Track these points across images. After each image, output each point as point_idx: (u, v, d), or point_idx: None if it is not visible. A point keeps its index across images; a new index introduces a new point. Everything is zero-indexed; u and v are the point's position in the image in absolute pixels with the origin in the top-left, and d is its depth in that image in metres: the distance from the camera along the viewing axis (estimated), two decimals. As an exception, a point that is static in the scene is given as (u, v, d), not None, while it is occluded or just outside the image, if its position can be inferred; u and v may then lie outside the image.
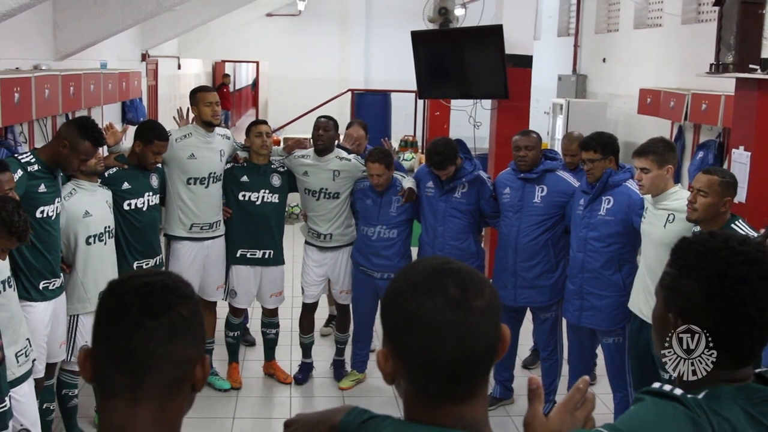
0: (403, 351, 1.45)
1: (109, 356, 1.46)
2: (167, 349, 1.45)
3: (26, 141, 6.90)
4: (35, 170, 4.62)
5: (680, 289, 1.69)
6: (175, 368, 1.46)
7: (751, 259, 1.64)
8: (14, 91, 6.15)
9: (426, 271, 1.46)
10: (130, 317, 1.45)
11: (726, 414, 1.60)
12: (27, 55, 7.21)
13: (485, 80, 8.13)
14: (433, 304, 1.40)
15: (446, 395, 1.44)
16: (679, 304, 1.70)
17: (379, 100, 15.12)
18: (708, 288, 1.64)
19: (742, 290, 1.62)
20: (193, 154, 5.82)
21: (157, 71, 14.06)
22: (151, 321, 1.44)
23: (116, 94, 9.59)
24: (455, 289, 1.41)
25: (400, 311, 1.44)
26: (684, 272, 1.69)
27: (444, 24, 9.71)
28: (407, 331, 1.43)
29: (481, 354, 1.43)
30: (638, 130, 11.07)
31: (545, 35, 15.40)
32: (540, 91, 11.34)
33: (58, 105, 7.30)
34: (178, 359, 1.46)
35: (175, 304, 1.48)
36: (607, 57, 12.77)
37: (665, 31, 10.73)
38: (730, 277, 1.63)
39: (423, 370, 1.43)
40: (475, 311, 1.41)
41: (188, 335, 1.48)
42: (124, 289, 1.49)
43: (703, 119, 8.64)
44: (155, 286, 1.49)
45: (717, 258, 1.65)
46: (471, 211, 5.83)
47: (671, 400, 1.61)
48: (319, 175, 6.06)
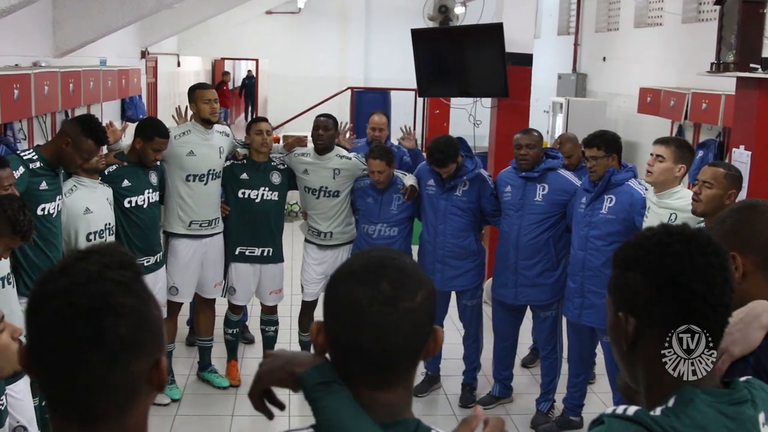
0: (331, 330, 1.52)
1: (50, 383, 1.30)
2: (111, 375, 1.27)
3: (25, 138, 6.89)
4: (37, 167, 4.62)
5: (625, 285, 1.65)
6: (126, 388, 1.30)
7: (687, 236, 1.62)
8: (14, 87, 6.14)
9: (369, 263, 1.52)
10: (59, 350, 1.25)
11: (701, 420, 1.54)
12: (26, 51, 7.19)
13: (485, 78, 8.12)
14: (364, 296, 1.46)
15: (362, 379, 1.49)
16: (626, 299, 1.65)
17: (378, 98, 15.11)
18: (651, 274, 1.60)
19: (683, 266, 1.58)
20: (192, 151, 5.80)
21: (156, 68, 14.04)
22: (84, 354, 1.24)
23: (116, 92, 9.58)
24: (388, 286, 1.47)
25: (335, 293, 1.51)
26: (625, 267, 1.65)
27: (444, 22, 9.72)
28: (337, 314, 1.51)
29: (400, 350, 1.49)
30: (638, 130, 11.05)
31: (545, 34, 15.39)
32: (540, 90, 11.33)
33: (57, 102, 7.29)
34: (127, 380, 1.29)
35: (111, 326, 1.25)
36: (608, 56, 12.75)
37: (665, 30, 10.71)
38: (669, 255, 1.59)
39: (344, 353, 1.51)
40: (401, 310, 1.46)
41: (133, 352, 1.29)
42: (47, 313, 1.26)
43: (703, 118, 8.63)
44: (81, 306, 1.24)
45: (654, 243, 1.62)
46: (472, 209, 5.83)
47: (633, 422, 1.54)
48: (319, 173, 6.04)
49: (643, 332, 1.62)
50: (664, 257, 1.59)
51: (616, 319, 1.66)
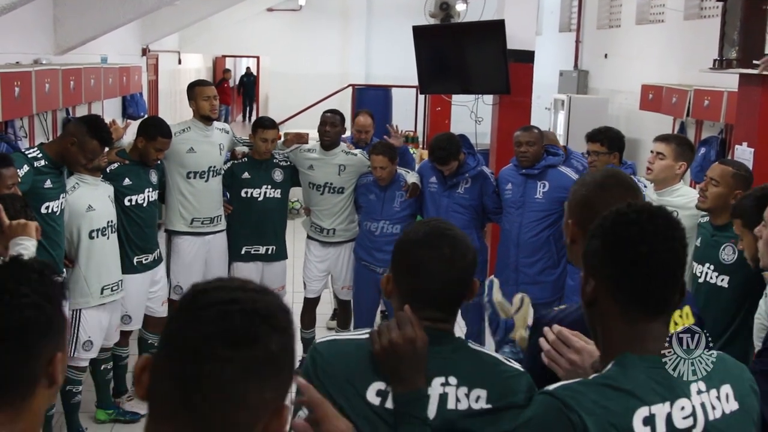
0: (400, 282, 2.07)
1: (172, 375, 1.24)
2: (241, 388, 1.22)
3: (26, 135, 6.88)
4: (42, 165, 4.62)
5: (588, 251, 1.84)
6: (244, 413, 1.23)
7: (640, 208, 1.81)
8: (14, 85, 6.13)
9: (431, 231, 2.07)
10: (204, 339, 1.22)
11: (627, 385, 1.69)
12: (27, 49, 7.18)
13: (487, 75, 8.10)
14: (429, 257, 2.02)
15: (422, 313, 2.00)
16: (589, 264, 1.83)
17: (380, 95, 15.08)
18: (607, 240, 1.79)
19: (631, 232, 1.75)
20: (192, 148, 5.80)
21: (157, 66, 14.03)
22: (228, 350, 1.21)
23: (117, 89, 9.57)
24: (447, 249, 2.02)
25: (406, 255, 2.06)
26: (592, 235, 1.84)
27: (445, 19, 9.71)
28: (407, 270, 2.06)
29: (453, 294, 2.07)
30: (640, 126, 11.03)
31: (547, 30, 15.37)
32: (541, 87, 11.30)
33: (58, 99, 7.28)
34: (251, 403, 1.23)
35: (265, 335, 1.24)
36: (609, 53, 12.73)
37: (667, 26, 10.69)
38: (622, 223, 1.78)
39: (411, 297, 2.03)
40: (457, 267, 2.04)
41: (271, 376, 1.25)
42: (206, 302, 1.26)
43: (705, 115, 8.61)
44: (245, 306, 1.24)
45: (614, 213, 1.82)
46: (474, 206, 5.82)
47: (553, 397, 1.69)
48: (325, 169, 6.04)
49: (599, 293, 1.79)
50: (618, 224, 1.78)
51: (582, 281, 1.85)
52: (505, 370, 2.01)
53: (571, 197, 2.37)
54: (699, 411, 1.72)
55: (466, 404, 1.92)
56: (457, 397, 1.93)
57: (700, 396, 1.74)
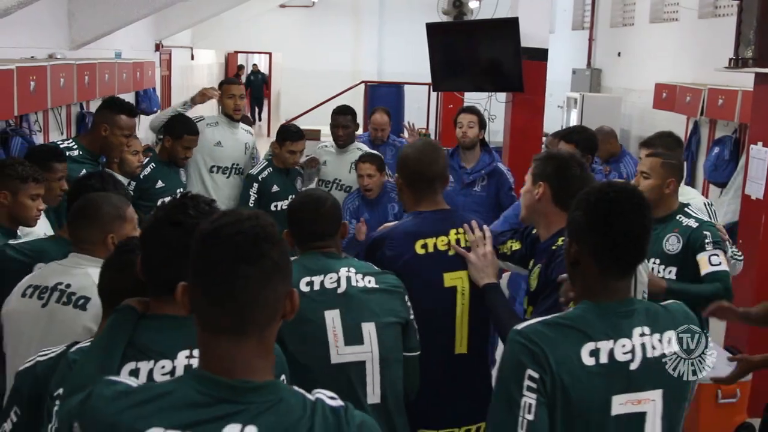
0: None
1: (209, 297, 1.62)
2: (263, 293, 1.63)
3: (41, 130, 6.91)
4: (76, 155, 4.60)
5: (572, 221, 2.26)
6: (270, 307, 1.65)
7: (619, 187, 2.26)
8: (30, 79, 6.15)
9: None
10: (227, 265, 1.60)
11: (579, 324, 2.14)
12: (42, 44, 7.21)
13: (500, 73, 8.08)
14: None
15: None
16: (572, 231, 2.26)
17: (392, 92, 15.07)
18: (589, 212, 2.20)
19: (605, 205, 2.18)
20: (220, 142, 5.90)
21: (170, 61, 14.06)
22: (247, 268, 1.60)
23: (130, 84, 9.61)
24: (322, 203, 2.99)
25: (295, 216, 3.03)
26: (575, 208, 2.26)
27: (458, 16, 9.68)
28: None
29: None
30: (653, 125, 10.98)
31: (560, 29, 15.33)
32: (554, 85, 11.27)
33: (73, 94, 7.31)
34: (272, 299, 1.65)
35: (268, 250, 1.63)
36: (623, 51, 12.70)
37: (681, 25, 10.66)
38: (602, 200, 2.19)
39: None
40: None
41: (279, 276, 1.66)
42: (219, 238, 1.62)
43: (719, 114, 8.58)
44: (248, 234, 1.62)
45: (596, 190, 2.25)
46: (491, 204, 5.76)
47: (519, 335, 2.13)
48: (337, 164, 6.05)
49: (581, 256, 2.22)
50: (599, 201, 2.20)
51: (567, 245, 2.29)
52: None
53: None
54: (638, 349, 2.15)
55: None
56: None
57: (642, 338, 2.16)
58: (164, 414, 1.57)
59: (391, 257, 3.05)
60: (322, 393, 1.71)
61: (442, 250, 3.06)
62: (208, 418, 1.57)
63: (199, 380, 1.62)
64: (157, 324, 2.01)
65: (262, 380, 1.64)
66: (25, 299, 2.87)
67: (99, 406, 1.63)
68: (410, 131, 6.51)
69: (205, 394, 1.59)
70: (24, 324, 2.84)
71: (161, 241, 2.01)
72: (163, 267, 2.01)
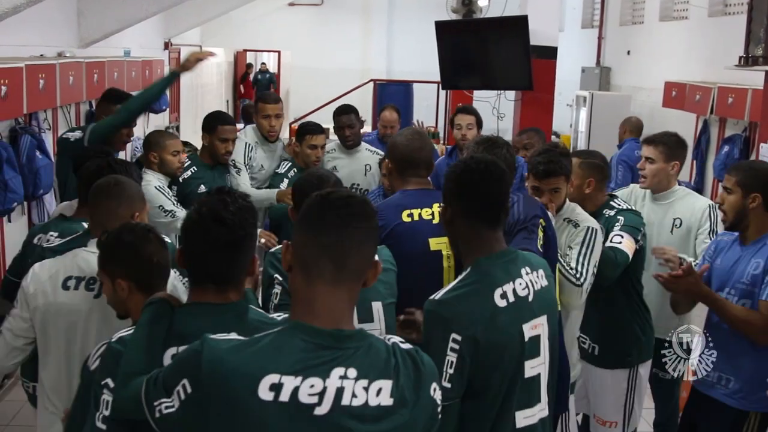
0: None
1: (318, 246, 1.88)
2: (362, 247, 1.91)
3: (50, 128, 6.93)
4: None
5: (445, 189, 2.71)
6: (364, 263, 1.92)
7: (479, 156, 2.79)
8: (39, 77, 6.17)
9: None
10: (341, 217, 1.89)
11: (483, 279, 2.54)
12: (51, 42, 7.23)
13: (509, 71, 8.07)
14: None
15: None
16: (446, 197, 2.71)
17: (401, 90, 15.05)
18: (455, 178, 2.68)
19: (473, 176, 2.63)
20: (262, 166, 5.57)
21: (179, 60, 14.05)
22: (357, 222, 1.91)
23: (139, 82, 9.60)
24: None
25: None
26: (446, 179, 2.71)
27: (467, 14, 9.66)
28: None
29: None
30: (663, 124, 10.96)
31: (569, 27, 15.30)
32: (563, 84, 11.24)
33: (82, 92, 7.32)
34: (367, 256, 1.93)
35: (370, 215, 1.96)
36: (632, 49, 12.67)
37: (691, 23, 10.62)
38: (466, 171, 2.66)
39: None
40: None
41: (373, 241, 1.96)
42: (333, 198, 1.94)
43: (729, 113, 8.54)
44: (357, 198, 1.97)
45: (462, 162, 2.75)
46: None
47: (433, 309, 2.51)
48: (351, 168, 5.78)
49: (455, 216, 2.65)
50: (465, 171, 2.66)
51: (442, 210, 2.75)
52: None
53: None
54: (530, 284, 2.61)
55: None
56: None
57: (528, 276, 2.62)
58: (279, 361, 1.79)
59: (381, 227, 3.20)
60: (394, 338, 1.98)
61: (426, 219, 3.33)
62: (316, 364, 1.80)
63: (302, 330, 1.85)
64: (198, 311, 2.16)
65: (351, 329, 1.89)
66: (70, 292, 2.90)
67: (217, 357, 1.81)
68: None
69: (309, 342, 1.83)
70: (76, 316, 2.88)
71: (205, 236, 2.15)
72: (205, 260, 2.17)
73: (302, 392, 1.77)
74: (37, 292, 2.90)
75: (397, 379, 1.86)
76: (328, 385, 1.78)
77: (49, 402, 2.96)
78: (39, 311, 2.90)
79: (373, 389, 1.82)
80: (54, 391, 2.94)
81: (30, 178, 6.10)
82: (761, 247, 3.48)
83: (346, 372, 1.80)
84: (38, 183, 6.18)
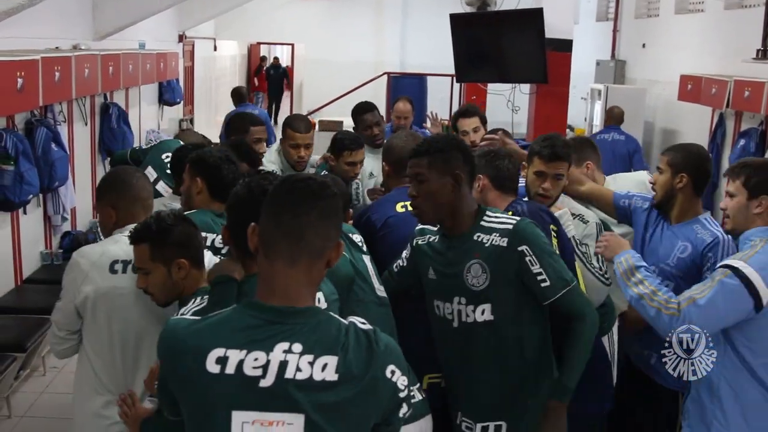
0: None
1: (275, 226, 1.93)
2: (319, 225, 1.94)
3: (65, 120, 6.96)
4: None
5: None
6: (321, 241, 1.95)
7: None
8: (55, 70, 6.19)
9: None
10: (298, 197, 1.95)
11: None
12: (67, 35, 7.25)
13: (524, 64, 8.05)
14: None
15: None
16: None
17: (415, 83, 15.04)
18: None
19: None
20: None
21: (193, 52, 14.11)
22: (313, 201, 1.94)
23: (154, 75, 9.64)
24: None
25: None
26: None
27: (481, 7, 9.63)
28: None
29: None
30: (678, 117, 10.91)
31: (584, 19, 15.22)
32: (578, 76, 11.20)
33: (97, 84, 7.35)
34: (324, 235, 1.95)
35: (329, 195, 1.98)
36: (647, 42, 12.59)
37: (707, 16, 10.55)
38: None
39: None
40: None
41: (333, 220, 1.99)
42: (292, 182, 2.00)
43: (745, 106, 8.49)
44: (315, 180, 2.01)
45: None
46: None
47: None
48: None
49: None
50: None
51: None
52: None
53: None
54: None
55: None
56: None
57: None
58: (224, 336, 1.89)
59: (376, 219, 3.65)
60: (354, 318, 2.01)
61: None
62: (261, 338, 1.89)
63: (251, 307, 1.94)
64: (255, 280, 2.22)
65: (304, 306, 1.94)
66: (118, 275, 2.95)
67: (172, 335, 1.96)
68: (434, 121, 6.47)
69: (257, 317, 1.91)
70: (127, 300, 2.93)
71: (257, 209, 2.15)
72: None
73: (247, 365, 1.86)
74: (86, 279, 2.94)
75: (344, 356, 1.90)
76: (272, 358, 1.87)
77: (97, 380, 2.99)
78: (89, 298, 2.93)
79: (318, 364, 1.89)
80: (104, 372, 2.98)
81: (45, 170, 6.13)
82: (689, 232, 3.52)
83: (290, 346, 1.88)
84: (53, 175, 6.22)
